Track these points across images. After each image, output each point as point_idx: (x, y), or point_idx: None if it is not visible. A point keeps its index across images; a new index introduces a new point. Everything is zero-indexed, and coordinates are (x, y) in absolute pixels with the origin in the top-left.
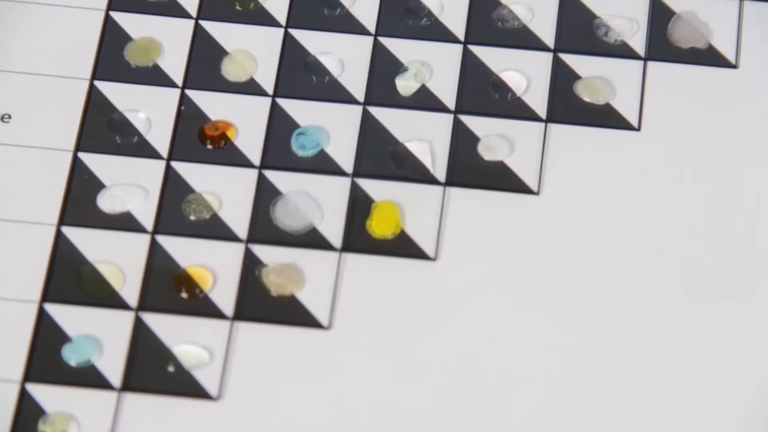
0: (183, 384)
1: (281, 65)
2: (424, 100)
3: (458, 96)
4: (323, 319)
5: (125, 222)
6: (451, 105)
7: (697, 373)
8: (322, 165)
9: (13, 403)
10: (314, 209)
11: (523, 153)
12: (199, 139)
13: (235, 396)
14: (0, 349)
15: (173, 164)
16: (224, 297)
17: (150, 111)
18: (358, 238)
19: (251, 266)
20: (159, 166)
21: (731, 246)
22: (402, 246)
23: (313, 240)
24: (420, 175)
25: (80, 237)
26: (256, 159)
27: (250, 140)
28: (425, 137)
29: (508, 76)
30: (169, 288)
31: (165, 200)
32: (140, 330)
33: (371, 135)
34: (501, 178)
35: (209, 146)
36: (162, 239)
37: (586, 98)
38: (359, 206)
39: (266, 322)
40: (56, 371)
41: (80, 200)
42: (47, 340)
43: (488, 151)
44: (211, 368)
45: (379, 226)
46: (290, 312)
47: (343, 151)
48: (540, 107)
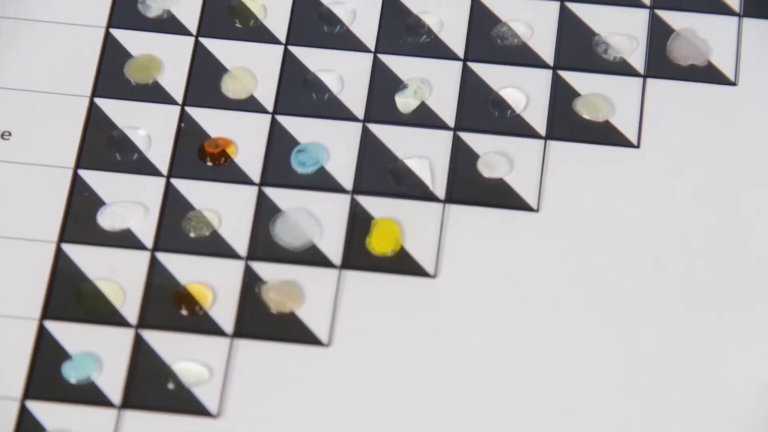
0: (183, 401)
1: (281, 82)
2: (424, 117)
3: (458, 113)
4: (323, 337)
5: (125, 239)
6: (451, 122)
7: (698, 389)
8: (322, 182)
9: (13, 421)
10: (314, 226)
11: (523, 170)
12: (199, 156)
13: (235, 413)
14: (0, 366)
15: (173, 181)
16: (224, 314)
17: (150, 128)
18: (358, 255)
19: (251, 283)
20: (159, 183)
21: (730, 262)
22: (401, 263)
23: (313, 257)
24: (420, 192)
25: (80, 254)
26: (256, 176)
27: (250, 157)
28: (425, 154)
29: (508, 94)
30: (169, 305)
31: (165, 217)
32: (140, 347)
33: (371, 152)
34: (500, 195)
35: (209, 163)
36: (162, 256)
37: (586, 115)
38: (359, 223)
39: (266, 340)
40: (56, 388)
41: (80, 217)
42: (47, 358)
43: (488, 168)
44: (211, 385)
45: (379, 243)
46: (290, 329)
47: (343, 168)
48: (539, 124)
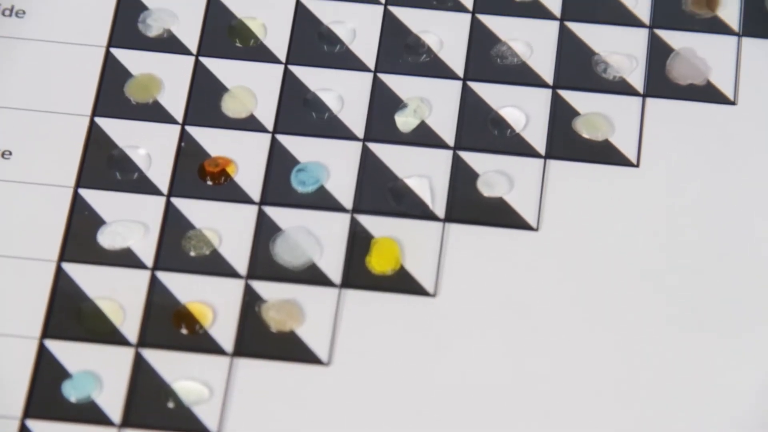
0: (183, 420)
1: (281, 101)
2: (424, 137)
3: (457, 132)
4: (323, 355)
5: (125, 258)
6: (451, 141)
7: (697, 410)
8: (322, 201)
9: None
10: (314, 245)
11: (522, 189)
12: (199, 176)
13: None
14: (0, 385)
15: (173, 200)
16: (224, 333)
17: (150, 147)
18: (358, 274)
19: (251, 302)
20: (159, 203)
21: (729, 280)
22: (401, 282)
23: (313, 276)
24: (419, 211)
25: (80, 273)
26: (256, 195)
27: (250, 176)
28: (425, 173)
29: (507, 113)
30: (169, 324)
31: (165, 236)
32: (140, 366)
33: (371, 171)
34: (500, 214)
35: (209, 182)
36: (162, 275)
37: (585, 134)
38: (359, 242)
39: (266, 358)
40: (56, 407)
41: (80, 236)
42: (47, 376)
43: (487, 187)
44: (211, 404)
45: (379, 262)
46: (290, 348)
47: (343, 187)
48: (539, 143)
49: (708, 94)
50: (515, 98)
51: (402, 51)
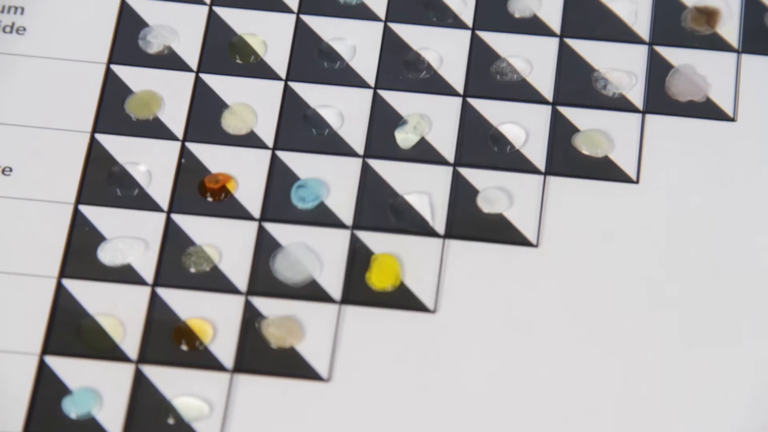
0: None
1: (281, 118)
2: (424, 153)
3: (457, 149)
4: (323, 372)
5: (126, 274)
6: (451, 158)
7: (697, 425)
8: (322, 217)
9: None
10: (314, 262)
11: (522, 205)
12: (200, 192)
13: None
14: (0, 402)
15: (173, 217)
16: (224, 349)
17: (150, 164)
18: (358, 291)
19: (251, 318)
20: (159, 219)
21: (729, 297)
22: (401, 298)
23: (313, 292)
24: (419, 228)
25: (81, 289)
26: (256, 211)
27: (250, 193)
28: (424, 190)
29: (507, 129)
30: (170, 340)
31: (165, 253)
32: (140, 382)
33: (371, 187)
34: (500, 231)
35: (209, 199)
36: (162, 291)
37: (585, 151)
38: (359, 259)
39: (266, 375)
40: (56, 424)
41: (81, 253)
42: (47, 393)
43: (487, 204)
44: (211, 421)
45: (379, 279)
46: (290, 364)
47: (343, 204)
48: (539, 160)
49: (707, 111)
50: (515, 115)
51: (402, 67)
